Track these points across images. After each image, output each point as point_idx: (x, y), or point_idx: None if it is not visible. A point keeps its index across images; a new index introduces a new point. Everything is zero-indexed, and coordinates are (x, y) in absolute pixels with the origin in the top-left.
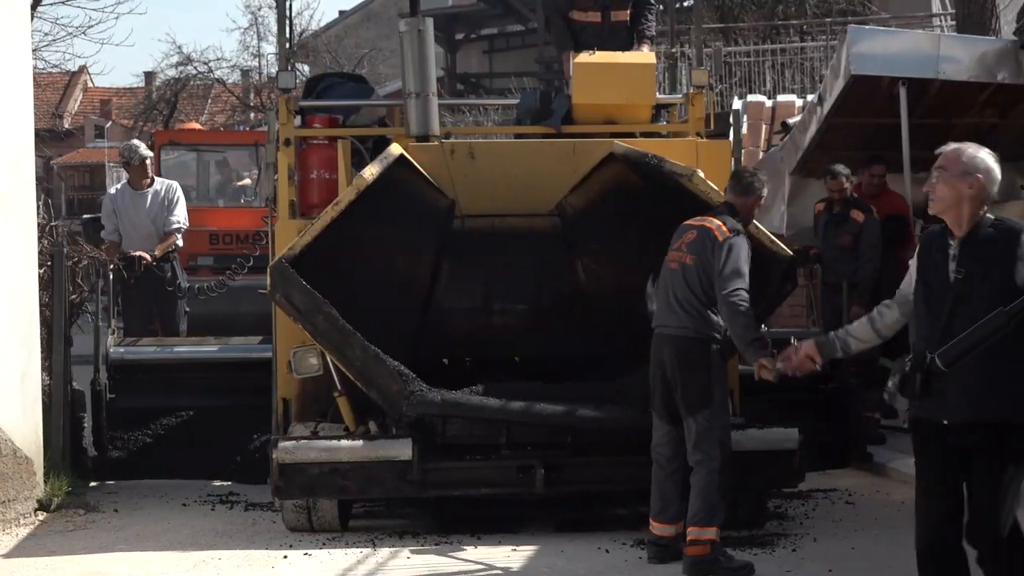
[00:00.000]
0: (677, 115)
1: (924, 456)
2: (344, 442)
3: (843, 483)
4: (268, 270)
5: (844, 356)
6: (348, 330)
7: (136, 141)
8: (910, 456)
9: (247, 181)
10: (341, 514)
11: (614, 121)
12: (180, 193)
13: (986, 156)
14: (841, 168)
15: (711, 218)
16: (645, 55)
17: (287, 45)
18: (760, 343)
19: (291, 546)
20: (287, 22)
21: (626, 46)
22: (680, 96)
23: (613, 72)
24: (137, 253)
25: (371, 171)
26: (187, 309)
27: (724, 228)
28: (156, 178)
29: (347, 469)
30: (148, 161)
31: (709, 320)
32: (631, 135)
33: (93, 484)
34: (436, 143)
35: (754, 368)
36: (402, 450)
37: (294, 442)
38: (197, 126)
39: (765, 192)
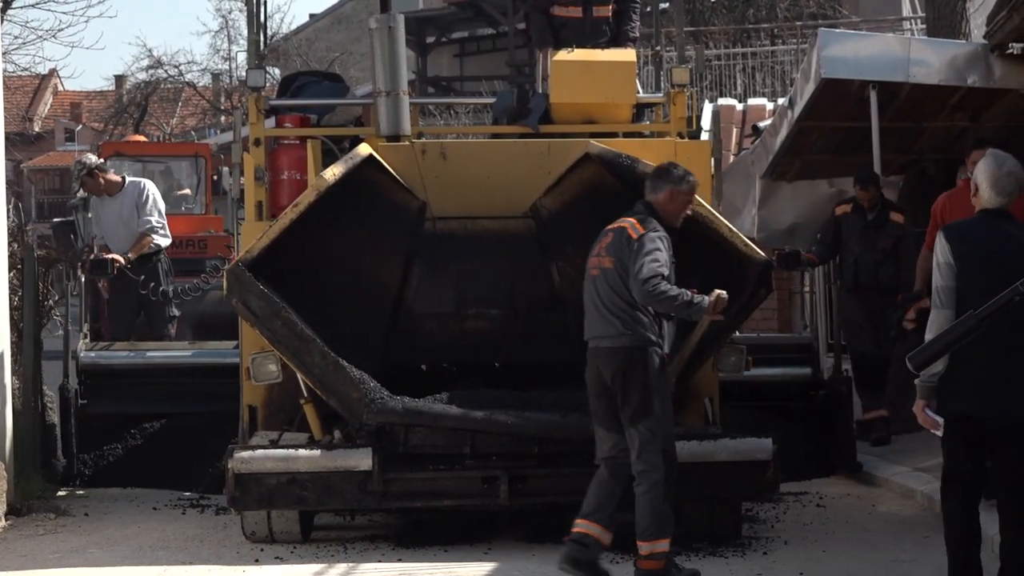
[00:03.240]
0: (661, 115)
1: None
2: (302, 451)
3: (814, 487)
4: (224, 274)
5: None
6: (307, 336)
7: (78, 160)
8: (899, 465)
9: (187, 191)
10: (303, 524)
11: (594, 120)
12: (151, 192)
13: None
14: (872, 176)
15: (626, 218)
16: (625, 53)
17: (257, 42)
18: (696, 301)
19: (262, 550)
20: (255, 19)
21: (608, 43)
22: (661, 95)
23: (592, 70)
24: (110, 256)
25: (333, 172)
26: (175, 313)
27: (638, 226)
28: (129, 179)
29: (305, 479)
30: (83, 182)
31: (643, 323)
32: (612, 135)
33: (62, 493)
34: (407, 143)
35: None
36: (361, 460)
37: (250, 452)
38: (142, 138)
39: (685, 187)
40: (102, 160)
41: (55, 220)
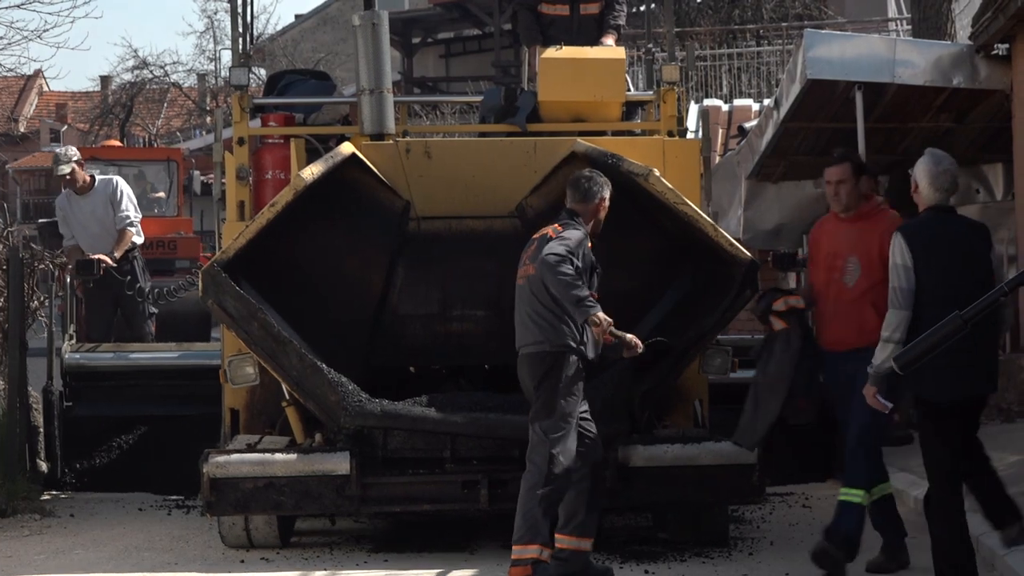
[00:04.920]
0: (653, 113)
1: None
2: (278, 456)
3: (800, 488)
4: (200, 275)
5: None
6: (283, 338)
7: (60, 150)
8: (888, 466)
9: (161, 194)
10: (281, 529)
11: (582, 119)
12: (123, 187)
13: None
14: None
15: (551, 225)
16: (614, 50)
17: (240, 40)
18: (588, 300)
19: (247, 552)
20: (239, 17)
21: (595, 41)
22: (650, 93)
23: (581, 68)
24: (96, 256)
25: (311, 171)
26: (153, 310)
27: (558, 227)
28: (98, 177)
29: (283, 484)
30: (74, 168)
31: (562, 331)
32: (601, 133)
33: (45, 497)
34: (391, 142)
35: (590, 329)
36: (339, 464)
37: (226, 456)
38: (117, 143)
39: (607, 193)
40: None
41: (41, 221)
